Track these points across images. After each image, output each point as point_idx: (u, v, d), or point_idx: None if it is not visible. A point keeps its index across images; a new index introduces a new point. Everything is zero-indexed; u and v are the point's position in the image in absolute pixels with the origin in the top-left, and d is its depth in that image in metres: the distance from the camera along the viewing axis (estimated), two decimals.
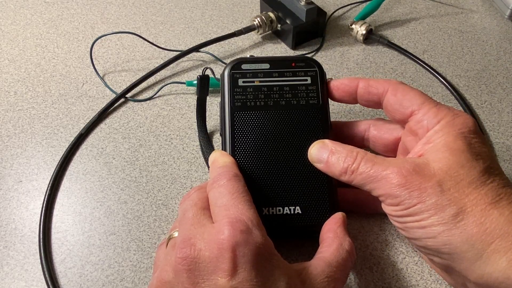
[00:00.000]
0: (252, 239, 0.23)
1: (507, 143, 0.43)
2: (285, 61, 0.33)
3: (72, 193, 0.39)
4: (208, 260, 0.22)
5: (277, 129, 0.31)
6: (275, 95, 0.32)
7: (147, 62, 0.51)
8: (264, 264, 0.22)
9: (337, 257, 0.27)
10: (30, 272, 0.34)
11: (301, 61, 0.33)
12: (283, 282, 0.23)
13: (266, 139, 0.31)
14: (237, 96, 0.32)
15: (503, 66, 0.51)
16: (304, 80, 0.32)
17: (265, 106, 0.32)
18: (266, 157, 0.30)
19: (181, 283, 0.22)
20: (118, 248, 0.35)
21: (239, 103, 0.32)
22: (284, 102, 0.32)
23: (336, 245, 0.27)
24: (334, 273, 0.26)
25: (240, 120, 0.31)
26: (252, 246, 0.22)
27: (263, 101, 0.32)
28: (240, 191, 0.26)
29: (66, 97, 0.47)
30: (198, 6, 0.59)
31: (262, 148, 0.31)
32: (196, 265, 0.22)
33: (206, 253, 0.22)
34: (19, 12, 0.58)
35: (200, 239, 0.23)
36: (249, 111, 0.31)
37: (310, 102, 0.32)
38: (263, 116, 0.31)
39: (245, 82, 0.32)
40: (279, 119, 0.31)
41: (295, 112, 0.32)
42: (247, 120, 0.31)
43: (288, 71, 0.33)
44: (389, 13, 0.58)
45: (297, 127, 0.31)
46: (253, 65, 0.33)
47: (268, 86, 0.32)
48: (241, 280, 0.21)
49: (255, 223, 0.24)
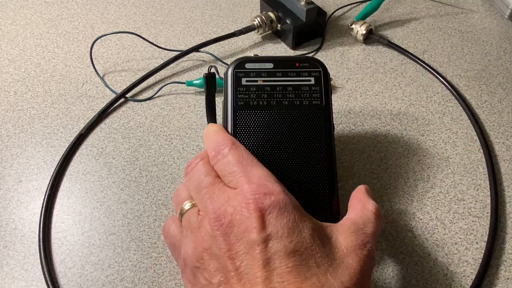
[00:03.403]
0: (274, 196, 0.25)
1: (507, 143, 0.43)
2: (289, 61, 0.33)
3: (72, 193, 0.39)
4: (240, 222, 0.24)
5: (280, 129, 0.31)
6: (278, 95, 0.32)
7: (147, 62, 0.51)
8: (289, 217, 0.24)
9: (362, 217, 0.27)
10: (30, 272, 0.34)
11: (305, 61, 0.33)
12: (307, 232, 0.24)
13: (268, 139, 0.31)
14: (240, 95, 0.32)
15: (503, 66, 0.51)
16: (307, 81, 0.32)
17: (268, 105, 0.31)
18: (268, 157, 0.30)
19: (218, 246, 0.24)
20: (118, 248, 0.35)
21: (242, 102, 0.31)
22: (287, 102, 0.32)
23: (360, 207, 0.28)
24: (361, 230, 0.26)
25: (243, 119, 0.31)
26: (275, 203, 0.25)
27: (266, 101, 0.32)
28: (245, 157, 0.27)
29: (66, 97, 0.47)
30: (198, 6, 0.59)
31: (264, 148, 0.30)
32: (231, 228, 0.24)
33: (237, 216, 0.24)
34: (19, 12, 0.58)
35: (228, 205, 0.25)
36: (251, 111, 0.31)
37: (313, 103, 0.32)
38: (266, 115, 0.31)
39: (248, 81, 0.32)
40: (281, 119, 0.31)
41: (298, 113, 0.31)
42: (250, 119, 0.31)
43: (291, 71, 0.32)
44: (389, 13, 0.58)
45: (300, 127, 0.31)
46: (257, 64, 0.33)
47: (271, 86, 0.32)
48: (269, 233, 0.24)
49: (273, 181, 0.26)
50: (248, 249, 0.24)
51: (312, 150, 0.31)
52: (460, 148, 0.42)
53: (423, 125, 0.44)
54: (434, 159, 0.41)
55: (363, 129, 0.43)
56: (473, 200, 0.38)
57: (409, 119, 0.45)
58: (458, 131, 0.44)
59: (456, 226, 0.36)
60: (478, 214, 0.37)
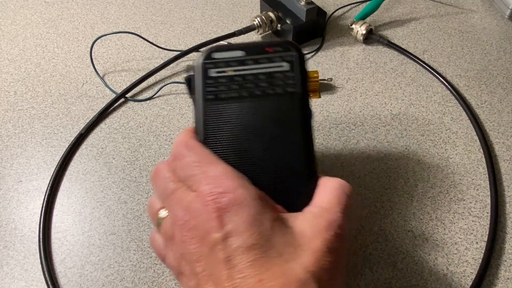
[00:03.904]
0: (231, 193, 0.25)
1: (507, 143, 0.43)
2: (260, 47, 0.31)
3: (72, 193, 0.39)
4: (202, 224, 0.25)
5: (253, 121, 0.29)
6: (250, 84, 0.30)
7: (147, 62, 0.51)
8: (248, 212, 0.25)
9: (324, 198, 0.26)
10: (30, 272, 0.34)
11: (278, 45, 0.30)
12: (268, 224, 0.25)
13: (241, 133, 0.29)
14: (209, 88, 0.30)
15: (503, 66, 0.51)
16: (281, 66, 0.30)
17: (239, 97, 0.29)
18: (242, 152, 0.29)
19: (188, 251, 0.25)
20: (118, 248, 0.35)
21: (211, 95, 0.30)
22: (260, 91, 0.30)
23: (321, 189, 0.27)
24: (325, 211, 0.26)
25: (213, 113, 0.29)
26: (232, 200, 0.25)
27: (237, 92, 0.30)
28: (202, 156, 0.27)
29: (66, 97, 0.47)
30: (198, 6, 0.59)
31: (237, 143, 0.29)
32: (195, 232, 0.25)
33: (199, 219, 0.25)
34: (19, 12, 0.58)
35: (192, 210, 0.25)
36: (221, 104, 0.29)
37: (289, 90, 0.30)
38: (237, 108, 0.29)
39: (217, 72, 0.30)
40: (254, 110, 0.29)
41: (272, 102, 0.29)
42: (220, 113, 0.29)
43: (263, 58, 0.30)
44: (389, 13, 0.58)
45: (274, 118, 0.29)
46: (226, 53, 0.30)
47: (242, 76, 0.30)
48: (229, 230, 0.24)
49: (230, 177, 0.26)
50: (211, 250, 0.24)
51: (288, 141, 0.29)
52: (460, 148, 0.42)
53: (423, 125, 0.44)
54: (434, 159, 0.41)
55: (363, 129, 0.43)
56: (473, 200, 0.38)
57: (409, 119, 0.45)
58: (458, 131, 0.44)
59: (456, 226, 0.36)
60: (478, 214, 0.37)
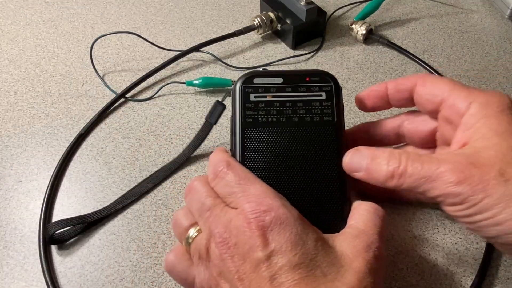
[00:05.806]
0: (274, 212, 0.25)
1: None
2: (299, 75, 0.32)
3: (72, 193, 0.39)
4: (244, 242, 0.25)
5: (290, 147, 0.30)
6: (288, 111, 0.31)
7: (147, 62, 0.51)
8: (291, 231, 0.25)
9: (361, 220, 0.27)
10: (30, 272, 0.34)
11: (316, 75, 0.32)
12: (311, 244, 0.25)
13: (278, 157, 0.30)
14: (249, 112, 0.31)
15: (503, 66, 0.51)
16: (318, 96, 0.31)
17: (277, 122, 0.30)
18: (278, 176, 0.29)
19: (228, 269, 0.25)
20: (118, 248, 0.35)
21: (250, 119, 0.30)
22: (297, 118, 0.30)
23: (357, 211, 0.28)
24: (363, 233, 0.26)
25: (252, 136, 0.30)
26: (275, 218, 0.25)
27: (275, 117, 0.30)
28: (243, 176, 0.27)
29: (66, 97, 0.47)
30: (198, 6, 0.59)
31: (274, 167, 0.30)
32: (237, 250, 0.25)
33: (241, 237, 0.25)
34: (19, 12, 0.58)
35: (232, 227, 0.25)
36: (260, 128, 0.30)
37: (325, 119, 0.30)
38: (275, 133, 0.30)
39: (257, 97, 0.31)
40: (291, 137, 0.30)
41: (308, 129, 0.30)
42: (259, 136, 0.30)
43: (302, 86, 0.31)
44: (389, 13, 0.58)
45: (311, 145, 0.30)
46: (266, 79, 0.31)
47: (280, 102, 0.31)
48: (273, 249, 0.24)
49: (272, 196, 0.26)
50: (254, 268, 0.24)
51: (324, 168, 0.30)
52: None
53: None
54: None
55: None
56: None
57: None
58: None
59: (456, 226, 0.36)
60: None
